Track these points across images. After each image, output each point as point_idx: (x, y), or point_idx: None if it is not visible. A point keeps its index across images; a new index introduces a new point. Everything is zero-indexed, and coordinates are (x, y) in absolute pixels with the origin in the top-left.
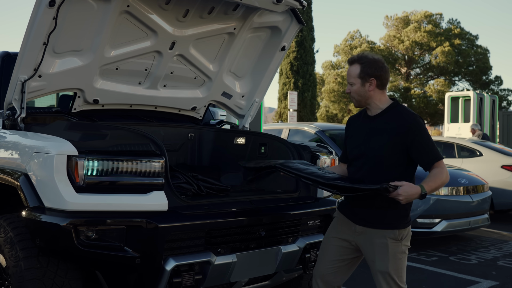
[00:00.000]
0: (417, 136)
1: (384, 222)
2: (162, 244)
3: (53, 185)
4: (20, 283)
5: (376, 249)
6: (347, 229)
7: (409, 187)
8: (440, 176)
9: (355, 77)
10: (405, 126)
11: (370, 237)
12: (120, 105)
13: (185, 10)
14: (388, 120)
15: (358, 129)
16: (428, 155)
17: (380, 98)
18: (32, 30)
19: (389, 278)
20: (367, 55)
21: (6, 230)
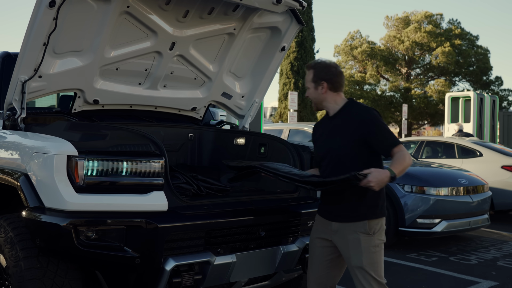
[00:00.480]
0: (371, 127)
1: (355, 215)
2: (161, 244)
3: (53, 185)
4: (20, 283)
5: (350, 245)
6: (325, 228)
7: (378, 172)
8: (403, 158)
9: (310, 81)
10: (360, 120)
11: (344, 234)
12: (120, 105)
13: (185, 10)
14: (344, 117)
15: (322, 131)
16: (385, 142)
17: (335, 100)
18: (32, 31)
19: (365, 273)
20: (322, 61)
21: (6, 230)
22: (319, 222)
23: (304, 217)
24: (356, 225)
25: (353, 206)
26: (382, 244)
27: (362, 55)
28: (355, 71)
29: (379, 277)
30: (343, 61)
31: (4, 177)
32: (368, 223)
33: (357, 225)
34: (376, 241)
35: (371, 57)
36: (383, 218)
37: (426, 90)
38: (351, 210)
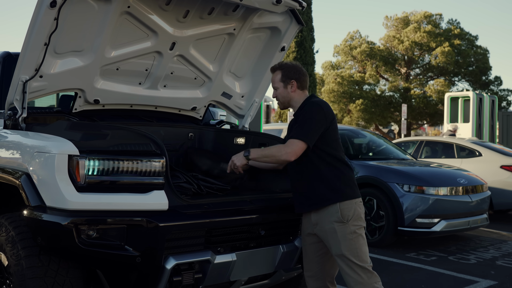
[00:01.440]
0: (300, 115)
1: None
2: (162, 243)
3: (54, 185)
4: (21, 281)
5: (328, 235)
6: (308, 223)
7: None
8: (274, 149)
9: (278, 81)
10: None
11: (322, 225)
12: (121, 105)
13: (185, 10)
14: (300, 111)
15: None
16: (293, 130)
17: (301, 98)
18: (33, 31)
19: (346, 259)
20: (287, 62)
21: (7, 229)
22: (304, 219)
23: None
24: (328, 213)
25: (316, 192)
26: (362, 229)
27: (362, 55)
28: (355, 71)
29: (362, 261)
30: (342, 61)
31: (5, 176)
32: (340, 211)
33: (330, 214)
34: (351, 227)
35: (371, 57)
36: (354, 203)
37: (426, 90)
38: (308, 197)
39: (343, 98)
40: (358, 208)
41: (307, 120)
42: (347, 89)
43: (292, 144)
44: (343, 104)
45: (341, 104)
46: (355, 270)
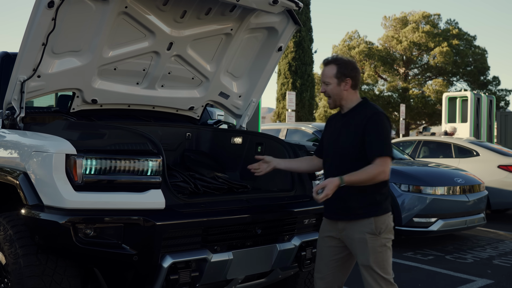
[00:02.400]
0: (370, 126)
1: (357, 212)
2: (159, 241)
3: (52, 184)
4: (19, 280)
5: (356, 245)
6: (332, 227)
7: (330, 186)
8: (370, 171)
9: (331, 77)
10: (365, 118)
11: (351, 233)
12: (118, 105)
13: (182, 11)
14: (354, 116)
15: (333, 127)
16: (373, 146)
17: (352, 98)
18: (31, 31)
19: (372, 271)
20: (342, 57)
21: (5, 228)
22: (326, 221)
23: (300, 215)
24: (361, 224)
25: (353, 204)
26: (390, 241)
27: (360, 55)
28: None
29: (387, 274)
30: None
31: (3, 176)
32: (374, 223)
33: (362, 225)
34: (382, 240)
35: (369, 57)
36: (388, 216)
37: (424, 90)
38: (351, 207)
39: None
40: (390, 221)
41: (384, 133)
42: None
43: (385, 163)
44: None
45: None
46: (379, 282)
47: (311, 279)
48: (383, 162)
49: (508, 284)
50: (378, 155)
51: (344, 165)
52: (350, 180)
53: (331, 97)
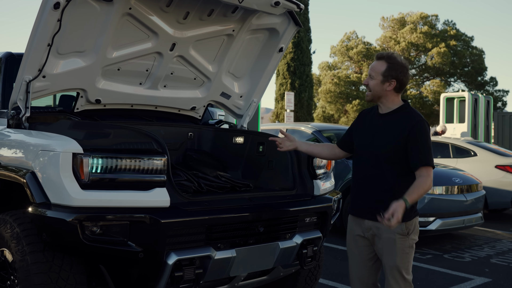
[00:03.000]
0: (415, 134)
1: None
2: (164, 239)
3: (59, 182)
4: (26, 276)
5: (384, 244)
6: (359, 226)
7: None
8: (423, 185)
9: (379, 73)
10: (409, 125)
11: (378, 232)
12: (122, 105)
13: (185, 12)
14: (395, 119)
15: (367, 123)
16: (419, 156)
17: (394, 99)
18: (37, 32)
19: (396, 272)
20: (397, 56)
21: (12, 226)
22: (353, 221)
23: (301, 214)
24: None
25: (388, 206)
26: (414, 243)
27: (358, 56)
28: (351, 71)
29: (408, 274)
30: (339, 61)
31: (10, 174)
32: (405, 224)
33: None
34: (410, 241)
35: (367, 58)
36: (416, 218)
37: (422, 90)
38: (385, 209)
39: (340, 98)
40: (418, 223)
41: (428, 142)
42: (343, 90)
43: (431, 173)
44: (339, 105)
45: (337, 104)
46: (399, 283)
47: (311, 277)
48: (429, 172)
49: (505, 283)
50: (424, 165)
51: (379, 166)
52: (412, 199)
53: (371, 91)
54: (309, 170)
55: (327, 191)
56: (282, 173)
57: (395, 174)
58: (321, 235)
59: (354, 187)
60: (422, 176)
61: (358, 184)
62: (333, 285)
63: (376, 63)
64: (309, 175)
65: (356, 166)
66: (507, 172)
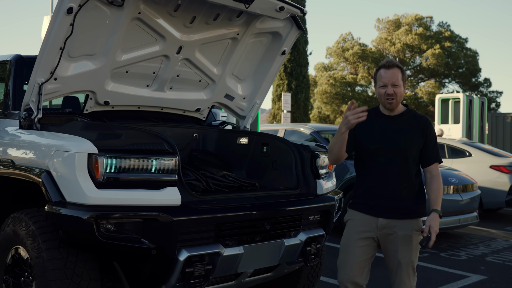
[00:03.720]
0: (431, 133)
1: (411, 212)
2: (176, 236)
3: (74, 181)
4: (42, 273)
5: (400, 241)
6: (368, 226)
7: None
8: (440, 186)
9: (401, 80)
10: (425, 125)
11: (394, 230)
12: (129, 106)
13: (192, 16)
14: (410, 120)
15: (378, 125)
16: (433, 152)
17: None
18: (50, 36)
19: (409, 267)
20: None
21: (27, 224)
22: (360, 220)
23: (305, 212)
24: (410, 222)
25: (409, 203)
26: None
27: (354, 57)
28: (347, 72)
29: (415, 268)
30: (335, 62)
31: (26, 174)
32: (421, 220)
33: (411, 223)
34: (420, 237)
35: (363, 59)
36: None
37: (417, 91)
38: (403, 207)
39: (336, 99)
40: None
41: (437, 141)
42: (339, 91)
43: (439, 169)
44: (335, 105)
45: (333, 105)
46: (410, 277)
47: (314, 274)
48: (438, 167)
49: (501, 280)
50: (436, 161)
51: (405, 165)
52: (440, 206)
53: (397, 99)
54: (312, 170)
55: (330, 190)
56: (286, 173)
57: (416, 171)
58: (324, 233)
59: (368, 184)
60: (434, 175)
61: (373, 182)
62: (333, 282)
63: (392, 71)
64: (312, 175)
65: (370, 166)
66: (501, 172)
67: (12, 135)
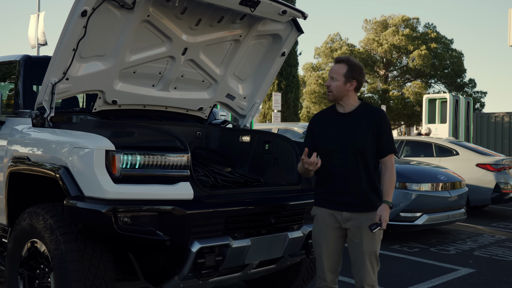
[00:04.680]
0: (384, 126)
1: (369, 205)
2: (189, 228)
3: (93, 176)
4: (61, 264)
5: (364, 233)
6: (334, 218)
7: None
8: (393, 177)
9: (341, 75)
10: (378, 118)
11: (358, 222)
12: (135, 105)
13: (197, 19)
14: (363, 115)
15: (331, 124)
16: (387, 144)
17: (354, 98)
18: (64, 38)
19: (373, 256)
20: (354, 60)
21: (44, 218)
22: (325, 214)
23: (307, 207)
24: (373, 214)
25: (369, 197)
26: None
27: None
28: None
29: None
30: (323, 62)
31: (43, 170)
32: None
33: (372, 215)
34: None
35: None
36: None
37: (403, 91)
38: (365, 200)
39: (324, 99)
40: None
41: (391, 131)
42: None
43: (393, 160)
44: (324, 105)
45: (322, 105)
46: (374, 268)
47: (312, 267)
48: (393, 159)
49: (488, 272)
50: (390, 152)
51: (361, 161)
52: (390, 197)
53: (333, 92)
54: None
55: None
56: (288, 169)
57: (373, 165)
58: None
59: (329, 182)
60: (388, 167)
61: (334, 180)
62: None
63: (336, 66)
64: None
65: (329, 164)
66: (487, 170)
67: (26, 133)
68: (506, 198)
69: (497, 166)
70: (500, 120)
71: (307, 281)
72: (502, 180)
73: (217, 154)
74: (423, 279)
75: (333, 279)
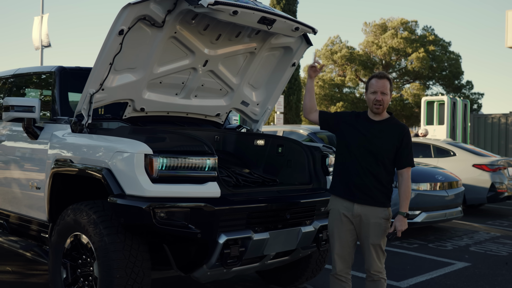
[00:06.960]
0: (406, 140)
1: (377, 201)
2: (217, 222)
3: (133, 177)
4: (105, 254)
5: (371, 227)
6: (347, 208)
7: (399, 224)
8: (408, 189)
9: (388, 89)
10: (402, 132)
11: (367, 217)
12: (160, 112)
13: (218, 34)
14: (389, 126)
15: (360, 125)
16: (407, 157)
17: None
18: (103, 53)
19: (379, 249)
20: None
21: (88, 214)
22: (341, 201)
23: (318, 204)
24: (378, 211)
25: (378, 195)
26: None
27: (342, 60)
28: (335, 74)
29: (384, 250)
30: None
31: (87, 171)
32: (388, 210)
33: (379, 211)
34: (388, 224)
35: (350, 62)
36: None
37: (402, 93)
38: (377, 197)
39: (324, 100)
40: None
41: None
42: (328, 92)
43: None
44: (324, 107)
45: (322, 106)
46: (380, 257)
47: (321, 259)
48: (410, 172)
49: (483, 266)
50: (409, 165)
51: (379, 164)
52: (405, 208)
53: (383, 105)
54: (323, 168)
55: None
56: (300, 170)
57: (389, 170)
58: None
59: (347, 175)
60: (404, 179)
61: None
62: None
63: (383, 81)
64: (323, 172)
65: (350, 159)
66: (483, 171)
67: (66, 138)
68: (501, 197)
69: (492, 167)
70: (497, 121)
71: (316, 272)
72: (497, 180)
73: (234, 157)
74: (422, 272)
75: (342, 269)
